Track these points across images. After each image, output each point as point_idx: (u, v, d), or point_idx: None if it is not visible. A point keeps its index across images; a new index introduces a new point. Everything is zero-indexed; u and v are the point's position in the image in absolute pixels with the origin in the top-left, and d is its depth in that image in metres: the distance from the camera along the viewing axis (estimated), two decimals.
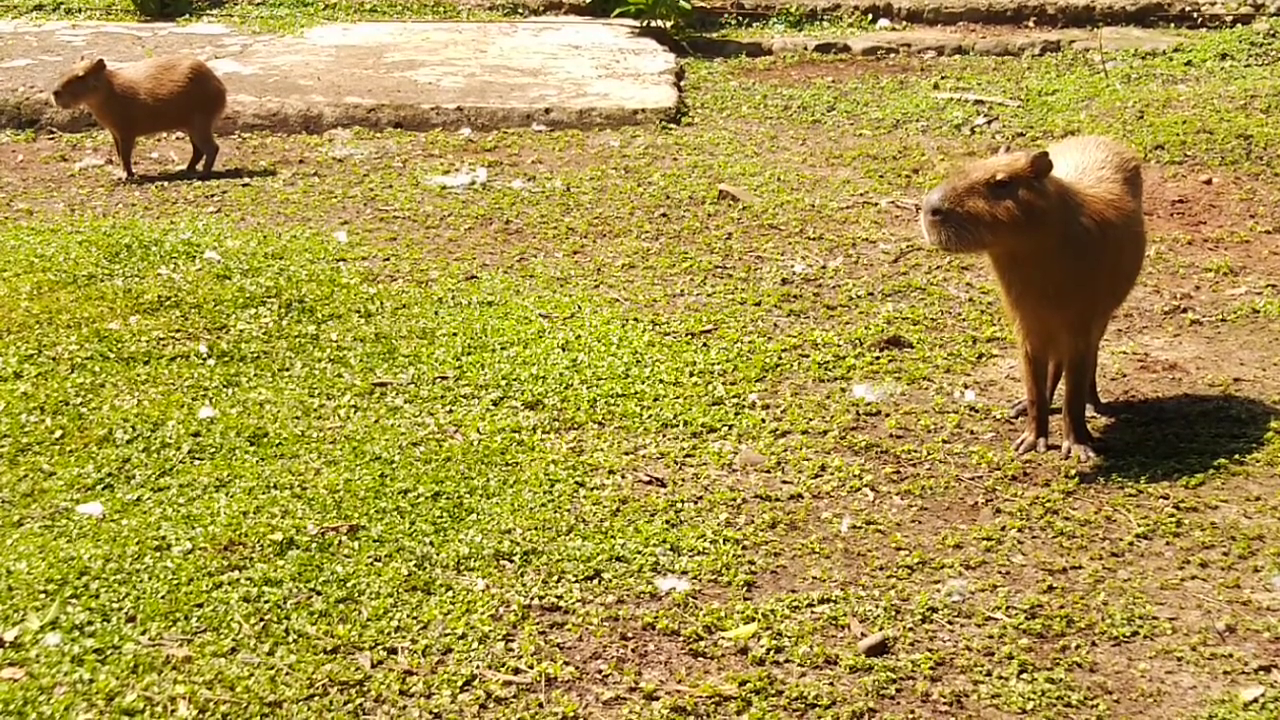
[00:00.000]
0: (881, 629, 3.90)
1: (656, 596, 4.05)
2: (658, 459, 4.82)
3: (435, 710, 3.56)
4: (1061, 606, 4.01)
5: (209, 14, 11.80)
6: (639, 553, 4.23)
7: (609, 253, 6.75)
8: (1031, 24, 11.59)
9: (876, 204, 7.43)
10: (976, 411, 5.19)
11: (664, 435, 4.99)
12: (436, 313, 5.96)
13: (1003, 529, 4.42)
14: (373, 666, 3.71)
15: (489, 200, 7.51)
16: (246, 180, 7.88)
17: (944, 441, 4.97)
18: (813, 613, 3.98)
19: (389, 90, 9.30)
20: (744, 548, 4.30)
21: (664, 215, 7.26)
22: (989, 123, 8.95)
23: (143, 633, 3.81)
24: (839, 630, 3.91)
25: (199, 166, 8.05)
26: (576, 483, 4.63)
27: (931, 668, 3.75)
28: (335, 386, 5.29)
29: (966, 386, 5.39)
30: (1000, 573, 4.19)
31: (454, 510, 4.44)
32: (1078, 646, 3.84)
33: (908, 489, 4.66)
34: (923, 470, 4.79)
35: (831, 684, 3.68)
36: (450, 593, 4.02)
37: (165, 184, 7.86)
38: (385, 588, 4.02)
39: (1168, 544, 4.35)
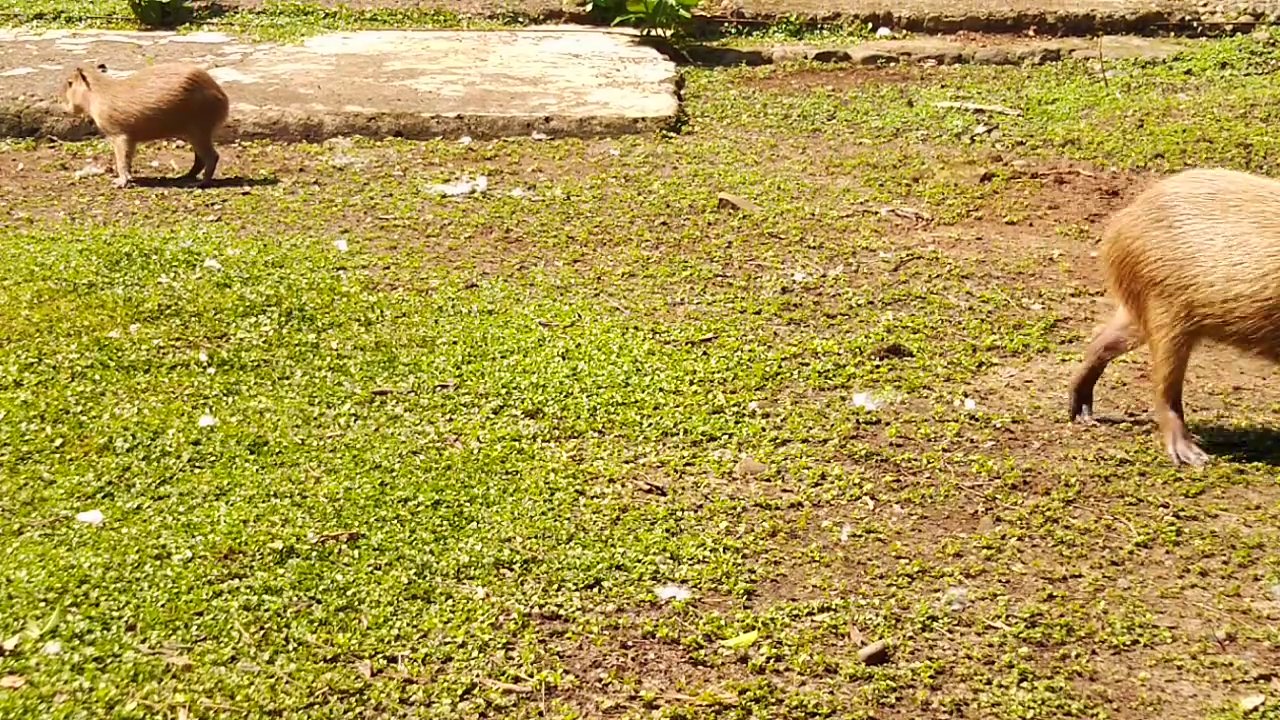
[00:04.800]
0: (881, 637, 3.90)
1: (656, 605, 4.05)
2: (658, 467, 4.82)
3: (435, 719, 3.56)
4: (1062, 615, 4.01)
5: (209, 22, 11.81)
6: (639, 561, 4.23)
7: (609, 261, 6.76)
8: (1031, 33, 11.60)
9: (876, 213, 7.44)
10: (976, 420, 5.19)
11: (664, 444, 4.99)
12: (436, 321, 5.97)
13: (1003, 537, 4.42)
14: (373, 675, 3.71)
15: (489, 209, 7.52)
16: (247, 189, 7.89)
17: (944, 450, 4.98)
18: (813, 621, 3.98)
19: (389, 99, 9.31)
20: (744, 556, 4.30)
21: (664, 224, 7.27)
22: (989, 131, 8.96)
23: (143, 641, 3.81)
24: (839, 639, 3.91)
25: (199, 175, 8.06)
26: (576, 491, 4.64)
27: (932, 676, 3.75)
28: (335, 395, 5.29)
29: (966, 395, 5.39)
30: (1000, 581, 4.19)
31: (454, 519, 4.44)
32: (1078, 655, 3.84)
33: (908, 497, 4.66)
34: (923, 479, 4.79)
35: (831, 692, 3.68)
36: (450, 601, 4.02)
37: (165, 192, 7.87)
38: (385, 596, 4.03)
39: (1168, 553, 4.35)
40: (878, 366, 5.61)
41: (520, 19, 12.06)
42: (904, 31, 11.74)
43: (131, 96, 7.86)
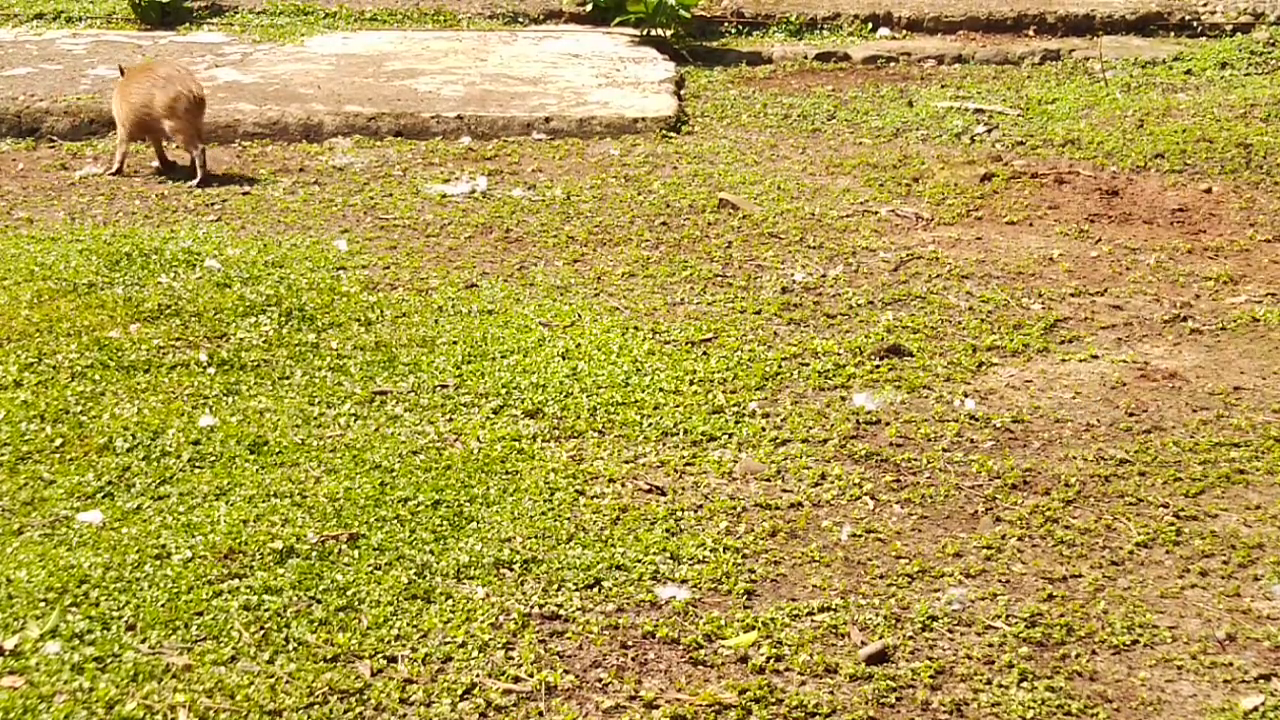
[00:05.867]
0: (881, 637, 3.90)
1: (656, 605, 4.05)
2: (658, 467, 4.82)
3: (435, 718, 3.56)
4: (1061, 615, 4.01)
5: (209, 22, 11.81)
6: (639, 561, 4.23)
7: (609, 261, 6.76)
8: (1031, 33, 11.59)
9: (876, 212, 7.44)
10: (976, 420, 5.20)
11: (664, 443, 4.99)
12: (436, 321, 5.97)
13: (1003, 537, 4.42)
14: (373, 675, 3.71)
15: (489, 209, 7.52)
16: (247, 188, 7.88)
17: (944, 450, 4.98)
18: (813, 621, 3.98)
19: (389, 99, 9.31)
20: (744, 556, 4.30)
21: (664, 224, 7.27)
22: (989, 131, 8.96)
23: (143, 641, 3.81)
24: (839, 639, 3.91)
25: (199, 173, 8.06)
26: (576, 491, 4.64)
27: (932, 676, 3.75)
28: (335, 395, 5.29)
29: (966, 395, 5.39)
30: (1000, 581, 4.19)
31: (454, 518, 4.44)
32: (1078, 655, 3.84)
33: (908, 497, 4.66)
34: (923, 479, 4.79)
35: (831, 692, 3.68)
36: (450, 601, 4.02)
37: (165, 192, 7.87)
38: (385, 596, 4.03)
39: (1168, 553, 4.35)
40: (878, 366, 5.61)
41: (520, 19, 12.06)
42: (904, 31, 11.73)
43: (122, 94, 7.98)
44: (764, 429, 5.09)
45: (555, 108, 9.19)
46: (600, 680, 3.73)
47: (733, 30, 11.81)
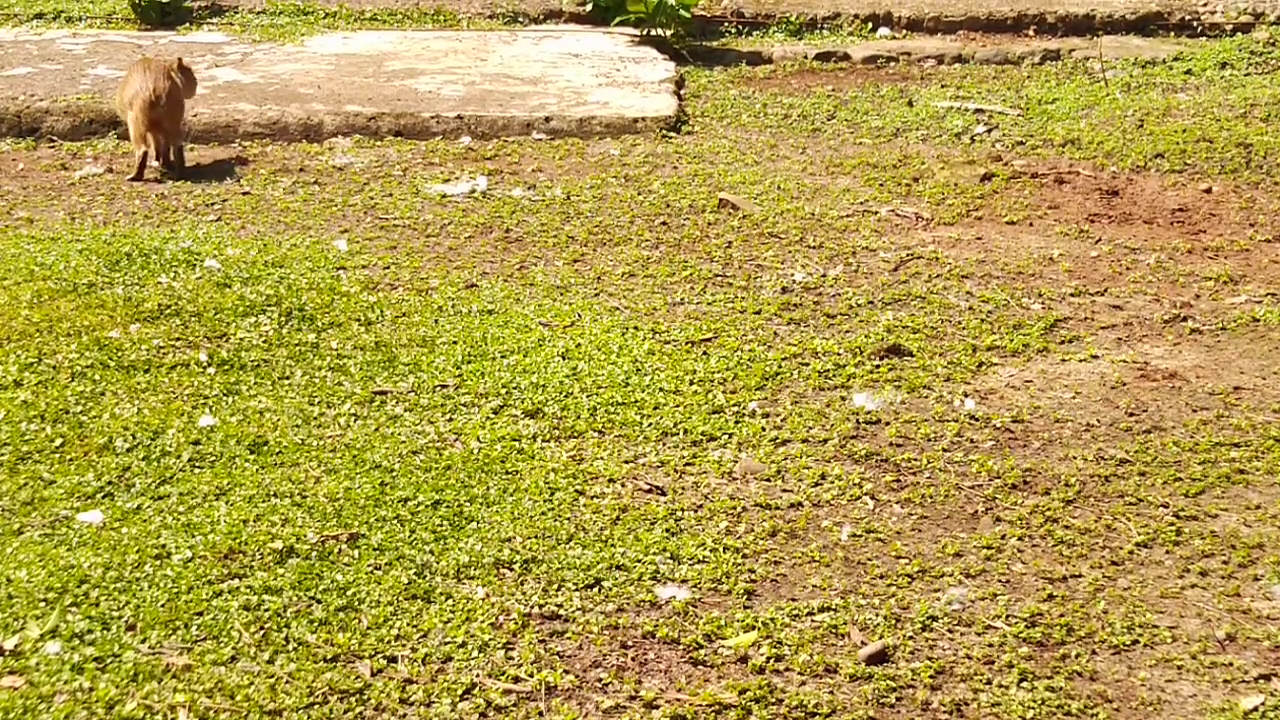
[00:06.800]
0: (881, 637, 3.90)
1: (656, 605, 4.05)
2: (658, 467, 4.82)
3: (435, 718, 3.56)
4: (1061, 615, 4.01)
5: (209, 22, 11.81)
6: (639, 561, 4.23)
7: (609, 261, 6.76)
8: (1031, 32, 11.59)
9: (876, 212, 7.44)
10: (976, 420, 5.20)
11: (664, 443, 4.99)
12: (436, 321, 5.97)
13: (1003, 537, 4.42)
14: (373, 675, 3.71)
15: (489, 209, 7.52)
16: (246, 189, 7.89)
17: (944, 450, 4.98)
18: (813, 621, 3.98)
19: (389, 99, 9.31)
20: (744, 556, 4.30)
21: (664, 224, 7.27)
22: (989, 131, 8.96)
23: (143, 641, 3.81)
24: (839, 639, 3.91)
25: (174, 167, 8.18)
26: (576, 491, 4.64)
27: (932, 676, 3.75)
28: (335, 395, 5.29)
29: (966, 395, 5.39)
30: (1000, 581, 4.19)
31: (454, 518, 4.44)
32: (1078, 655, 3.85)
33: (908, 497, 4.66)
34: (923, 479, 4.79)
35: (831, 692, 3.68)
36: (450, 601, 4.02)
37: (165, 192, 7.87)
38: (385, 596, 4.03)
39: (1168, 553, 4.35)
40: (878, 366, 5.61)
41: (520, 19, 12.06)
42: (904, 31, 11.73)
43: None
44: (764, 429, 5.09)
45: (555, 107, 9.19)
46: (600, 680, 3.73)
47: (733, 30, 11.81)
